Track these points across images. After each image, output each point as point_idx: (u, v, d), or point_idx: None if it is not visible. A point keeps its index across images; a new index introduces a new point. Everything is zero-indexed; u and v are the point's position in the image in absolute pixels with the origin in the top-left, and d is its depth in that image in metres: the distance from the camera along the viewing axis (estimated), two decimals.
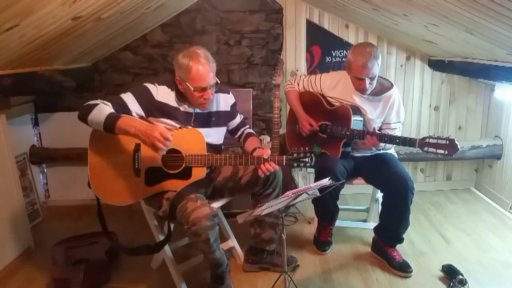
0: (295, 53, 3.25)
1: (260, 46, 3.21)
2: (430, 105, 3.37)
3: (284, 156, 1.96)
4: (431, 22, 2.23)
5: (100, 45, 2.85)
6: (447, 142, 1.96)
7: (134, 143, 1.90)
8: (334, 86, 2.43)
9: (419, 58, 3.29)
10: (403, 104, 3.31)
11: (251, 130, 2.28)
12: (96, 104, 1.82)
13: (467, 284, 2.10)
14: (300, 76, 2.61)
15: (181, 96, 2.00)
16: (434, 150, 1.99)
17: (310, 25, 3.22)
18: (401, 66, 3.30)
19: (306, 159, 1.93)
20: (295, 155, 1.94)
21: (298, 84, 2.58)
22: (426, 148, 2.01)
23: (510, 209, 2.99)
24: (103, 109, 1.80)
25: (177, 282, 2.09)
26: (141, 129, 1.75)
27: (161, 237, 2.12)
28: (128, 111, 1.88)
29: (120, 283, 2.25)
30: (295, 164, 1.95)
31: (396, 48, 3.27)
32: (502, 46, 2.08)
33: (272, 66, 3.18)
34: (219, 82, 2.00)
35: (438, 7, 1.88)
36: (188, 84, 1.91)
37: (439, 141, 1.99)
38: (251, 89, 3.20)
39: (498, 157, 3.19)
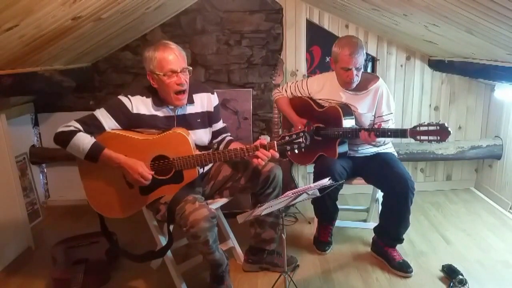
0: (295, 53, 3.25)
1: (260, 46, 3.21)
2: (430, 105, 3.37)
3: (275, 141, 1.88)
4: (431, 22, 2.23)
5: (100, 45, 2.85)
6: (438, 127, 1.97)
7: None
8: (321, 88, 2.45)
9: (419, 58, 3.29)
10: (404, 104, 3.35)
11: (232, 138, 2.22)
12: (73, 133, 1.82)
13: (467, 284, 2.10)
14: (287, 83, 2.62)
15: (159, 100, 1.95)
16: (426, 137, 2.00)
17: (310, 25, 3.22)
18: (401, 66, 3.30)
19: (300, 139, 1.84)
20: (286, 138, 1.87)
21: (286, 91, 2.60)
22: (418, 137, 2.02)
23: (510, 209, 2.99)
24: (83, 140, 1.82)
25: (177, 282, 2.09)
26: (124, 166, 1.84)
27: (161, 238, 2.12)
28: (102, 130, 1.88)
29: (120, 283, 2.25)
30: (288, 148, 1.86)
31: (396, 48, 3.26)
32: (502, 46, 2.08)
33: (272, 66, 3.18)
34: (190, 68, 1.94)
35: (438, 7, 1.88)
36: (158, 73, 1.85)
37: (430, 128, 1.99)
38: (251, 89, 3.20)
39: (498, 157, 3.19)
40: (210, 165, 2.19)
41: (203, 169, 2.12)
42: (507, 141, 3.12)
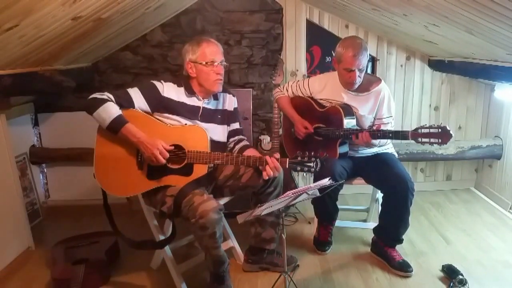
0: (295, 53, 3.25)
1: (260, 46, 3.21)
2: (430, 105, 3.37)
3: (287, 159, 1.94)
4: (431, 22, 2.23)
5: (100, 45, 2.85)
6: (439, 130, 1.97)
7: None
8: (323, 88, 2.44)
9: (419, 58, 3.29)
10: (404, 104, 3.35)
11: (248, 143, 2.27)
12: (104, 101, 1.89)
13: (467, 284, 2.10)
14: (288, 83, 2.62)
15: (190, 89, 2.08)
16: (427, 140, 2.00)
17: (310, 25, 3.22)
18: (401, 66, 3.30)
19: (311, 164, 1.90)
20: (299, 158, 1.92)
21: (287, 91, 2.59)
22: (420, 139, 2.02)
23: (510, 209, 2.99)
24: (111, 109, 1.88)
25: (177, 282, 2.09)
26: (143, 142, 1.88)
27: (161, 237, 2.12)
28: (131, 106, 1.96)
29: (120, 283, 2.25)
30: (298, 168, 1.92)
31: (396, 48, 3.27)
32: (502, 46, 2.09)
33: (272, 66, 3.18)
34: (227, 64, 2.12)
35: (438, 7, 1.88)
36: (199, 62, 2.02)
37: (432, 130, 1.99)
38: (251, 89, 3.20)
39: (498, 157, 3.19)
40: None
41: (212, 169, 2.13)
42: (507, 141, 3.12)
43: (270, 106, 3.25)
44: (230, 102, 2.23)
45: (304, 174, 3.34)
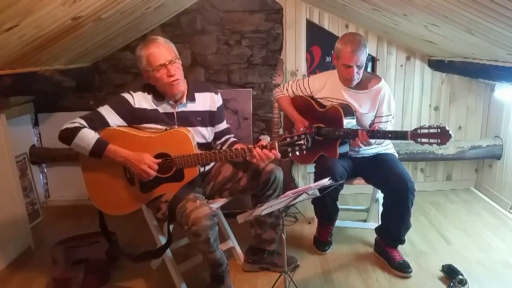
0: (295, 53, 3.25)
1: (260, 46, 3.21)
2: (430, 105, 3.37)
3: (276, 142, 1.88)
4: (431, 22, 2.23)
5: (100, 45, 2.85)
6: (439, 130, 1.96)
7: None
8: (323, 86, 2.44)
9: (419, 58, 3.29)
10: (404, 104, 3.35)
11: (236, 139, 2.23)
12: (77, 129, 1.84)
13: (467, 284, 2.10)
14: (288, 82, 2.61)
15: (159, 96, 1.99)
16: (427, 140, 1.99)
17: (310, 25, 3.22)
18: (401, 66, 3.30)
19: (302, 141, 1.84)
20: (288, 139, 1.86)
21: (288, 90, 2.59)
22: (419, 139, 2.01)
23: (510, 209, 2.99)
24: (87, 135, 1.84)
25: (177, 282, 2.09)
26: (129, 160, 1.85)
27: (161, 237, 2.12)
28: (106, 125, 1.91)
29: (120, 283, 2.25)
30: (290, 149, 1.86)
31: (396, 48, 3.26)
32: (502, 46, 2.09)
33: (272, 66, 3.18)
34: (178, 57, 1.95)
35: (438, 7, 1.88)
36: (149, 69, 1.90)
37: (431, 131, 1.99)
38: (251, 89, 3.20)
39: (498, 157, 3.19)
40: (211, 165, 2.20)
41: (204, 169, 2.12)
42: (507, 141, 3.12)
43: (270, 106, 3.25)
44: (212, 102, 2.10)
45: (298, 153, 3.30)
